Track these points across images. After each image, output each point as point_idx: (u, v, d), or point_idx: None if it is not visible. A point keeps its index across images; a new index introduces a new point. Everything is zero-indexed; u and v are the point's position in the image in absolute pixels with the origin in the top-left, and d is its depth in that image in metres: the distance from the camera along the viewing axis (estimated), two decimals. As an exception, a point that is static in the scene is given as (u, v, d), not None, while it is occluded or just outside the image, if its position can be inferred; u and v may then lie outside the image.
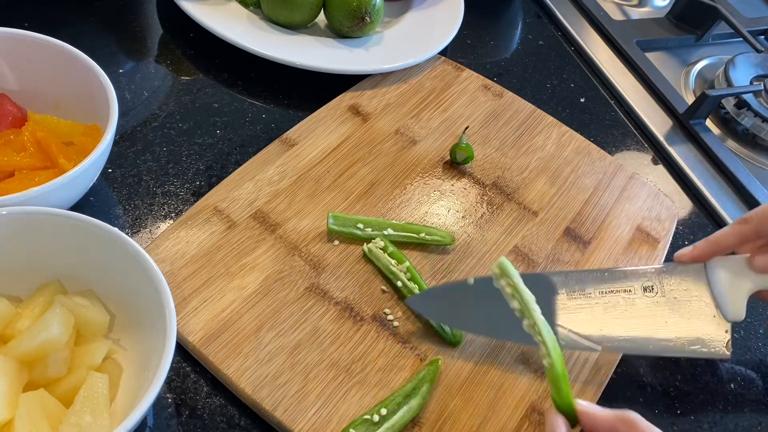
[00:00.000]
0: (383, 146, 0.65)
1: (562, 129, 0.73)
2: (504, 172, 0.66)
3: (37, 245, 0.45)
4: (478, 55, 0.81)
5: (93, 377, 0.41)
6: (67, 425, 0.39)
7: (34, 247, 0.45)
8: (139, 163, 0.60)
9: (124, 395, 0.44)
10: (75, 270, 0.46)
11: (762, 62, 0.89)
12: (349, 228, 0.56)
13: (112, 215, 0.56)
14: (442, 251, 0.58)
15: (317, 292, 0.53)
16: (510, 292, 0.45)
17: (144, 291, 0.43)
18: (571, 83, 0.82)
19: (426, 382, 0.49)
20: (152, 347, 0.42)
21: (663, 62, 0.90)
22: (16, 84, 0.56)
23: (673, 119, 0.81)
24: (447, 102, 0.72)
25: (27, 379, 0.41)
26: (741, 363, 0.59)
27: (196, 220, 0.55)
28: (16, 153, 0.52)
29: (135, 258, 0.43)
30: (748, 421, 0.56)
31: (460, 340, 0.53)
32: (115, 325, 0.47)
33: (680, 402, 0.55)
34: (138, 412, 0.37)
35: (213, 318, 0.49)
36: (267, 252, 0.54)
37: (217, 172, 0.61)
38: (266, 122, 0.66)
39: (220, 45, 0.68)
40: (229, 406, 0.47)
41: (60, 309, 0.42)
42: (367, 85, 0.71)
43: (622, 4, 0.99)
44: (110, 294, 0.46)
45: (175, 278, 0.51)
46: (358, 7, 0.70)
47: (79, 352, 0.43)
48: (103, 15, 0.72)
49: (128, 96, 0.65)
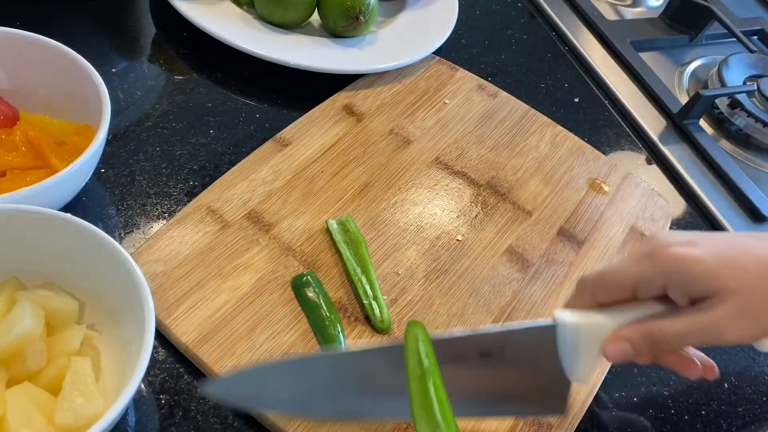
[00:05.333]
0: (377, 146, 0.65)
1: (556, 129, 0.73)
2: (498, 172, 0.66)
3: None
4: (472, 55, 0.81)
5: (75, 362, 0.41)
6: (61, 411, 0.39)
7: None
8: (132, 163, 0.59)
9: (107, 376, 0.44)
10: (30, 264, 0.46)
11: (755, 62, 0.89)
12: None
13: (105, 215, 0.55)
14: (437, 251, 0.58)
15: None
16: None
17: (109, 271, 0.43)
18: (565, 83, 0.82)
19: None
20: (129, 323, 0.42)
21: (657, 62, 0.90)
22: (8, 83, 0.55)
23: (667, 119, 0.81)
24: (441, 102, 0.72)
25: (7, 376, 0.41)
26: (734, 362, 0.59)
27: (189, 221, 0.55)
28: (8, 152, 0.51)
29: (93, 239, 0.43)
30: (742, 421, 0.56)
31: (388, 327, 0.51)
32: (86, 310, 0.46)
33: (674, 402, 0.55)
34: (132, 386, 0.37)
35: (206, 319, 0.49)
36: (261, 252, 0.54)
37: (210, 171, 0.60)
38: (260, 122, 0.66)
39: (214, 44, 0.67)
40: (223, 407, 0.47)
41: (28, 302, 0.42)
42: (362, 84, 0.71)
43: (616, 4, 0.99)
44: (74, 282, 0.46)
45: (168, 279, 0.50)
46: (352, 7, 0.69)
47: (55, 340, 0.43)
48: (95, 14, 0.71)
49: (121, 95, 0.64)
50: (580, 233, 0.63)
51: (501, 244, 0.60)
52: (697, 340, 0.43)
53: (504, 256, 0.60)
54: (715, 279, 0.41)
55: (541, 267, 0.60)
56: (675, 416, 0.55)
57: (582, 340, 0.43)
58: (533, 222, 0.63)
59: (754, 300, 0.41)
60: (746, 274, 0.42)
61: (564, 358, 0.44)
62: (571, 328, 0.43)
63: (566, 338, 0.43)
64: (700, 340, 0.43)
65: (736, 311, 0.41)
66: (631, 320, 0.43)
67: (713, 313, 0.41)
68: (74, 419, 0.38)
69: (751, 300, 0.41)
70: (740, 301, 0.41)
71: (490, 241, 0.60)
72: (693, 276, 0.42)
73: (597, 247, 0.63)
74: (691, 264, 0.42)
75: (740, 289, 0.41)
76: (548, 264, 0.60)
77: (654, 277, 0.43)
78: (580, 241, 0.63)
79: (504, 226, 0.62)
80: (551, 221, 0.63)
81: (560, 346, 0.44)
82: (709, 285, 0.42)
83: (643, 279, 0.43)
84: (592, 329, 0.43)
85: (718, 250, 0.42)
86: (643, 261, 0.44)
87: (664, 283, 0.43)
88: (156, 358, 0.48)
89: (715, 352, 0.59)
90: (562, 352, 0.44)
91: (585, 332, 0.43)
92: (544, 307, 0.57)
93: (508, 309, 0.56)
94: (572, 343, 0.43)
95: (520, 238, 0.61)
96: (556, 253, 0.61)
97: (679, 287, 0.42)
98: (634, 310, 0.44)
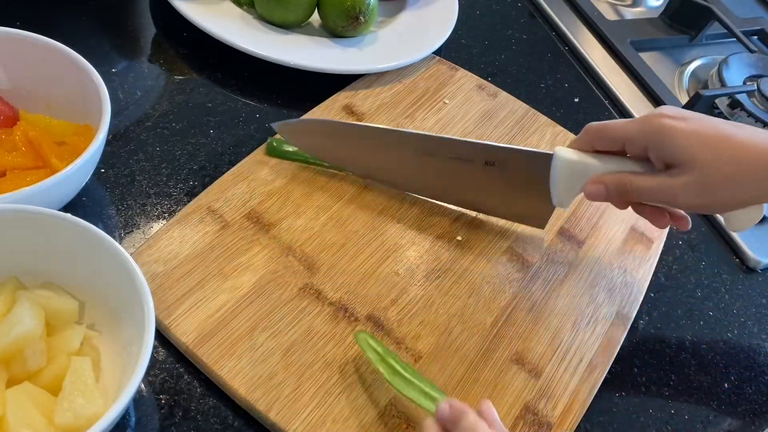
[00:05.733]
0: (377, 146, 0.65)
1: (556, 129, 0.73)
2: (498, 172, 0.66)
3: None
4: (472, 55, 0.81)
5: (75, 362, 0.41)
6: (61, 410, 0.39)
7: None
8: (132, 163, 0.59)
9: (107, 376, 0.44)
10: (30, 264, 0.46)
11: (755, 62, 0.89)
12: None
13: (105, 215, 0.55)
14: (437, 251, 0.58)
15: (311, 293, 0.53)
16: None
17: (109, 271, 0.43)
18: (565, 83, 0.82)
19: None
20: (129, 323, 0.42)
21: (657, 62, 0.90)
22: (8, 83, 0.55)
23: (667, 119, 0.81)
24: (441, 102, 0.72)
25: (7, 376, 0.41)
26: (735, 363, 0.59)
27: (189, 221, 0.55)
28: (8, 152, 0.51)
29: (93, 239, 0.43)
30: (742, 421, 0.56)
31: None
32: (86, 310, 0.46)
33: (674, 401, 0.55)
34: (132, 386, 0.37)
35: (206, 318, 0.49)
36: (261, 252, 0.54)
37: (210, 171, 0.60)
38: (260, 122, 0.66)
39: (214, 44, 0.67)
40: (223, 407, 0.47)
41: (28, 302, 0.42)
42: (362, 84, 0.71)
43: (616, 4, 0.99)
44: (74, 282, 0.46)
45: (168, 279, 0.50)
46: (352, 7, 0.69)
47: (55, 340, 0.43)
48: (95, 14, 0.71)
49: (121, 95, 0.64)
50: (580, 233, 0.63)
51: (501, 244, 0.60)
52: (656, 198, 0.51)
53: (504, 256, 0.60)
54: (686, 151, 0.48)
55: (541, 267, 0.60)
56: (675, 416, 0.55)
57: (569, 173, 0.53)
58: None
59: (711, 176, 0.48)
60: (715, 153, 0.47)
61: (552, 184, 0.54)
62: (564, 162, 0.53)
63: (558, 169, 0.53)
64: (659, 199, 0.51)
65: (693, 182, 0.48)
66: (614, 170, 0.52)
67: (676, 179, 0.48)
68: (74, 419, 0.38)
69: (709, 175, 0.48)
70: (700, 174, 0.48)
71: (490, 241, 0.60)
72: (668, 145, 0.48)
73: (597, 247, 0.63)
74: (670, 134, 0.48)
75: (704, 165, 0.47)
76: (548, 264, 0.60)
77: (639, 137, 0.50)
78: (580, 241, 0.63)
79: (504, 227, 0.62)
80: (551, 221, 0.63)
81: (552, 174, 0.53)
82: (680, 155, 0.48)
83: (629, 137, 0.50)
84: (580, 167, 0.52)
85: (702, 129, 0.48)
86: (636, 123, 0.51)
87: (646, 145, 0.50)
88: (156, 358, 0.48)
89: (715, 352, 0.59)
90: (553, 179, 0.54)
91: (574, 168, 0.53)
92: (545, 306, 0.57)
93: (508, 309, 0.56)
94: (561, 174, 0.53)
95: (520, 238, 0.61)
96: (556, 253, 0.61)
97: (655, 151, 0.49)
98: (621, 163, 0.52)
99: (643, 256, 0.63)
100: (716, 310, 0.63)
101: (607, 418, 0.53)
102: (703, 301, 0.64)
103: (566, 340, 0.55)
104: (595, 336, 0.56)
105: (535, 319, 0.56)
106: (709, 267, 0.67)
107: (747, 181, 0.48)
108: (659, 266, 0.64)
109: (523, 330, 0.55)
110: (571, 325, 0.56)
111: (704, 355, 0.59)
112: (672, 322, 0.61)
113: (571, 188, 0.54)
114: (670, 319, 0.61)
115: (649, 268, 0.63)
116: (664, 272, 0.65)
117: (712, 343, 0.61)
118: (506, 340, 0.54)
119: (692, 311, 0.62)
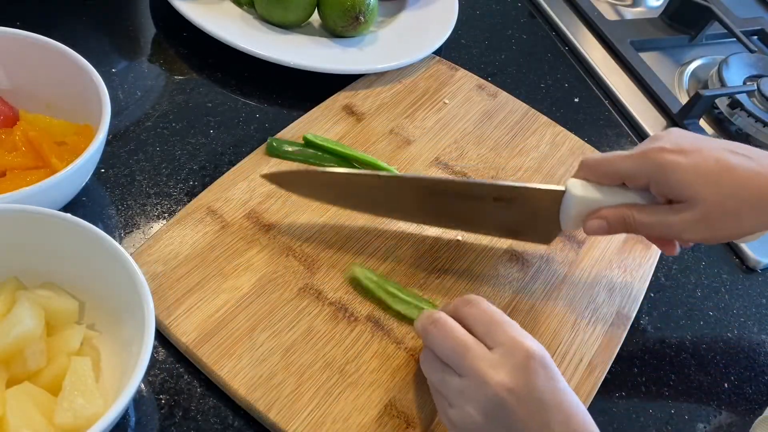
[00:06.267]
0: (377, 146, 0.65)
1: (556, 129, 0.73)
2: (498, 172, 0.66)
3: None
4: (472, 55, 0.81)
5: (75, 362, 0.41)
6: (61, 411, 0.39)
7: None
8: (132, 163, 0.59)
9: (107, 376, 0.44)
10: (30, 264, 0.46)
11: (755, 62, 0.89)
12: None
13: (105, 215, 0.55)
14: (437, 251, 0.58)
15: (311, 293, 0.53)
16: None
17: (109, 271, 0.43)
18: (565, 83, 0.82)
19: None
20: (129, 323, 0.42)
21: (657, 62, 0.90)
22: (8, 83, 0.55)
23: (667, 119, 0.81)
24: (441, 102, 0.72)
25: (7, 376, 0.41)
26: (735, 363, 0.59)
27: (189, 221, 0.55)
28: (8, 152, 0.51)
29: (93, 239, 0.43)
30: (742, 421, 0.56)
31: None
32: (86, 310, 0.46)
33: (674, 401, 0.55)
34: (132, 386, 0.37)
35: (206, 319, 0.49)
36: (261, 252, 0.54)
37: (210, 171, 0.60)
38: (260, 122, 0.66)
39: (214, 44, 0.67)
40: (223, 407, 0.47)
41: (28, 302, 0.42)
42: (362, 84, 0.71)
43: (616, 4, 0.99)
44: (74, 282, 0.46)
45: (168, 279, 0.50)
46: (352, 7, 0.69)
47: (55, 340, 0.43)
48: (96, 14, 0.71)
49: (121, 95, 0.64)
50: (580, 233, 0.63)
51: (501, 244, 0.60)
52: (661, 233, 0.50)
53: (504, 256, 0.60)
54: (689, 188, 0.47)
55: (541, 267, 0.60)
56: (675, 416, 0.55)
57: (581, 208, 0.52)
58: (533, 222, 0.63)
59: (714, 212, 0.47)
60: (718, 189, 0.47)
61: (564, 216, 0.53)
62: (577, 198, 0.51)
63: (571, 204, 0.52)
64: (662, 233, 0.50)
65: (697, 218, 0.47)
66: (620, 203, 0.51)
67: (681, 216, 0.48)
68: (74, 419, 0.38)
69: (713, 212, 0.47)
70: (704, 210, 0.47)
71: (490, 241, 0.60)
72: (670, 181, 0.48)
73: (597, 247, 0.63)
74: (672, 171, 0.47)
75: (708, 200, 0.47)
76: (548, 264, 0.60)
77: (639, 174, 0.49)
78: (580, 241, 0.63)
79: (504, 226, 0.62)
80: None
81: (564, 208, 0.52)
82: (683, 192, 0.47)
83: (629, 174, 0.50)
84: (593, 204, 0.51)
85: (702, 163, 0.47)
86: (635, 158, 0.49)
87: (647, 182, 0.49)
88: (156, 358, 0.48)
89: (715, 352, 0.59)
90: (565, 212, 0.53)
91: (587, 204, 0.51)
92: (545, 307, 0.57)
93: (508, 309, 0.56)
94: (574, 208, 0.52)
95: (520, 238, 0.61)
96: (556, 253, 0.61)
97: (657, 188, 0.49)
98: (626, 194, 0.51)
99: (643, 256, 0.63)
100: (716, 310, 0.63)
101: (607, 418, 0.53)
102: (703, 301, 0.64)
103: (566, 340, 0.55)
104: (595, 336, 0.56)
105: (535, 319, 0.56)
106: (709, 267, 0.67)
107: (751, 214, 0.47)
108: (659, 266, 0.64)
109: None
110: (571, 325, 0.56)
111: (704, 355, 0.59)
112: (672, 322, 0.61)
113: (580, 218, 0.53)
114: (670, 319, 0.61)
115: (649, 268, 0.63)
116: (664, 272, 0.65)
117: (712, 343, 0.61)
118: (506, 340, 0.54)
119: (692, 311, 0.62)
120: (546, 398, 0.41)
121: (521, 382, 0.41)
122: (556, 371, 0.42)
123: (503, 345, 0.43)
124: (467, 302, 0.46)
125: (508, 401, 0.40)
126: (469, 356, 0.42)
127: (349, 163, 0.62)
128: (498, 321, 0.44)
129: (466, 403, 0.42)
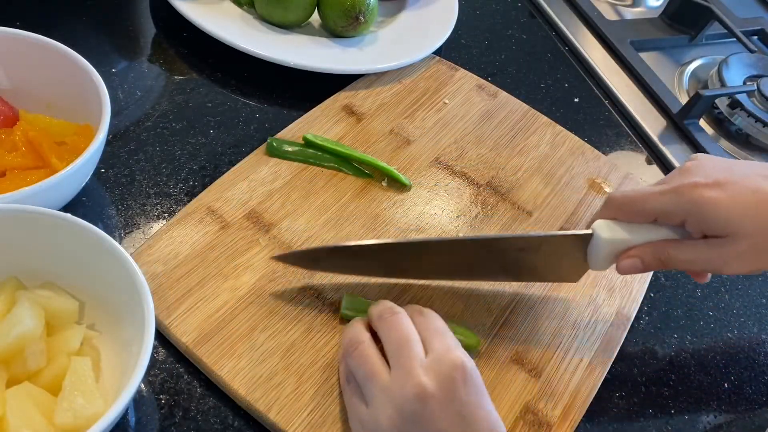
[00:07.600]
0: (377, 146, 0.65)
1: (556, 129, 0.73)
2: (498, 172, 0.66)
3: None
4: (472, 55, 0.81)
5: (75, 362, 0.41)
6: (61, 411, 0.39)
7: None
8: (132, 163, 0.59)
9: (107, 376, 0.44)
10: (30, 264, 0.46)
11: (755, 62, 0.89)
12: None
13: (105, 215, 0.55)
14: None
15: (311, 293, 0.53)
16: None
17: (109, 271, 0.43)
18: (565, 83, 0.82)
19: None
20: (129, 323, 0.42)
21: (657, 62, 0.90)
22: (8, 83, 0.55)
23: (667, 119, 0.81)
24: (441, 102, 0.72)
25: (7, 376, 0.41)
26: (735, 363, 0.59)
27: (189, 221, 0.55)
28: (8, 152, 0.51)
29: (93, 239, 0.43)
30: (742, 421, 0.56)
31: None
32: (86, 310, 0.46)
33: (674, 401, 0.55)
34: (132, 386, 0.37)
35: (206, 319, 0.49)
36: (261, 252, 0.54)
37: (210, 172, 0.60)
38: (260, 122, 0.66)
39: (214, 44, 0.67)
40: (223, 407, 0.47)
41: (28, 302, 0.42)
42: (362, 84, 0.71)
43: (616, 4, 0.99)
44: (74, 282, 0.46)
45: (168, 279, 0.50)
46: (352, 7, 0.69)
47: (55, 340, 0.43)
48: (96, 14, 0.71)
49: (121, 95, 0.64)
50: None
51: (501, 244, 0.60)
52: (700, 268, 0.49)
53: (504, 256, 0.60)
54: (729, 225, 0.46)
55: (541, 267, 0.60)
56: (675, 416, 0.55)
57: (610, 249, 0.50)
58: (533, 222, 0.63)
59: (757, 245, 0.46)
60: (759, 221, 0.45)
61: (590, 257, 0.51)
62: (605, 242, 0.50)
63: (597, 246, 0.50)
64: (703, 268, 0.49)
65: (741, 252, 0.46)
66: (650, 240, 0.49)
67: (721, 250, 0.46)
68: (74, 419, 0.38)
69: (755, 245, 0.46)
70: (747, 243, 0.46)
71: (490, 241, 0.60)
72: (710, 218, 0.46)
73: (597, 247, 0.62)
74: (710, 207, 0.46)
75: (748, 235, 0.45)
76: (548, 264, 0.60)
77: (675, 212, 0.47)
78: (580, 241, 0.63)
79: (504, 226, 0.62)
80: (551, 221, 0.63)
81: (591, 250, 0.51)
82: (723, 228, 0.46)
83: (664, 212, 0.48)
84: (618, 244, 0.50)
85: (740, 196, 0.46)
86: (668, 195, 0.47)
87: (684, 219, 0.47)
88: (156, 358, 0.48)
89: (715, 352, 0.59)
90: (591, 252, 0.51)
91: (615, 246, 0.50)
92: (545, 307, 0.57)
93: (508, 309, 0.56)
94: (600, 250, 0.50)
95: (520, 238, 0.61)
96: (556, 253, 0.61)
97: (695, 225, 0.47)
98: (655, 231, 0.49)
99: (643, 256, 0.63)
100: (716, 310, 0.63)
101: (607, 418, 0.53)
102: (703, 301, 0.64)
103: (566, 340, 0.55)
104: (595, 336, 0.56)
105: (535, 319, 0.56)
106: (709, 267, 0.67)
107: None
108: (659, 266, 0.64)
109: (523, 330, 0.55)
110: (570, 325, 0.56)
111: (704, 355, 0.59)
112: (672, 322, 0.61)
113: (609, 259, 0.51)
114: (670, 319, 0.61)
115: (649, 268, 0.63)
116: (664, 272, 0.65)
117: (712, 343, 0.61)
118: (506, 340, 0.54)
119: (692, 311, 0.62)
120: (465, 411, 0.41)
121: (443, 389, 0.41)
122: (481, 387, 0.43)
123: (436, 351, 0.44)
124: (420, 312, 0.48)
125: (429, 404, 0.41)
126: (408, 350, 0.44)
127: (349, 163, 0.62)
128: (441, 331, 0.46)
129: (387, 401, 0.42)
